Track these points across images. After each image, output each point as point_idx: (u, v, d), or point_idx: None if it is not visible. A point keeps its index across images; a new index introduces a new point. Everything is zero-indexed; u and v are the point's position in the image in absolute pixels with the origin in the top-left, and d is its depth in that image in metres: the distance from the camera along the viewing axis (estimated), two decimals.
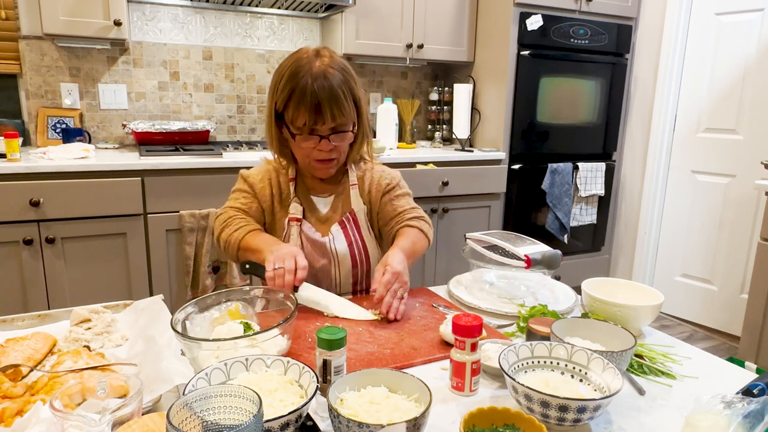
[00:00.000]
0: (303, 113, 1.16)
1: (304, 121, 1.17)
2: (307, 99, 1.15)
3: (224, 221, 1.30)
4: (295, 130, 1.21)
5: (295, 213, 1.30)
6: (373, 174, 1.38)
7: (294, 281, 1.09)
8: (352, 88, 1.20)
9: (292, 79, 1.16)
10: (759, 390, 0.80)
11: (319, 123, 1.18)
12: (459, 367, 0.83)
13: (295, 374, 0.77)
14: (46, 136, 2.53)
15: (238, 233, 1.25)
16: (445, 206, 2.79)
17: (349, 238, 1.32)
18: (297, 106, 1.16)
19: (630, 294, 1.13)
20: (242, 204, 1.32)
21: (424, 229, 1.34)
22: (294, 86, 1.16)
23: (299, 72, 1.16)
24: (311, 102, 1.15)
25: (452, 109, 3.13)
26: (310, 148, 1.22)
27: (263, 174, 1.35)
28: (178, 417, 0.56)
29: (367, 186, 1.37)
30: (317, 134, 1.20)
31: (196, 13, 2.76)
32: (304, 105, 1.15)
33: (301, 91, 1.15)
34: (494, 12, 2.97)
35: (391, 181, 1.38)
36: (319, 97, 1.14)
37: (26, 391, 0.76)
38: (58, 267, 2.08)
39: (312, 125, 1.18)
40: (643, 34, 3.24)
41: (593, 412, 0.71)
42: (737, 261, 2.92)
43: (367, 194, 1.36)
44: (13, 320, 1.02)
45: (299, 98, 1.15)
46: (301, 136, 1.20)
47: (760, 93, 2.79)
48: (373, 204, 1.37)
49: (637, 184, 3.36)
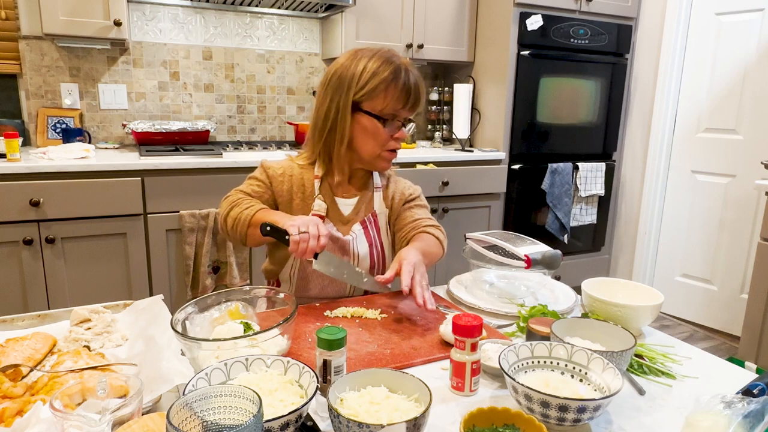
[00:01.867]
0: (394, 98, 1.23)
1: (394, 106, 1.24)
2: (400, 84, 1.22)
3: (233, 202, 1.28)
4: (384, 115, 1.25)
5: (318, 210, 1.30)
6: (398, 183, 1.43)
7: (317, 247, 1.10)
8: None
9: (385, 68, 1.22)
10: (759, 390, 0.80)
11: (405, 108, 1.25)
12: (459, 367, 0.83)
13: (295, 374, 0.77)
14: (46, 136, 2.53)
15: (249, 210, 1.23)
16: (445, 206, 2.79)
17: (370, 239, 1.34)
18: (388, 91, 1.22)
19: (630, 294, 1.13)
20: (253, 191, 1.31)
21: (439, 237, 1.35)
22: (388, 74, 1.21)
23: (390, 62, 1.23)
24: (404, 87, 1.23)
25: (452, 109, 3.13)
26: (388, 137, 1.27)
27: (285, 168, 1.34)
28: (178, 417, 0.56)
29: (391, 192, 1.39)
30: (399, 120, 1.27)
31: (196, 13, 2.76)
32: (396, 90, 1.22)
33: (395, 78, 1.22)
34: (494, 12, 2.97)
35: (414, 192, 1.43)
36: (409, 85, 1.23)
37: (26, 391, 0.76)
38: (58, 267, 2.08)
39: (399, 109, 1.25)
40: (643, 34, 3.24)
41: (593, 412, 0.71)
42: (737, 261, 2.92)
43: (390, 200, 1.39)
44: (13, 320, 1.02)
45: (393, 84, 1.22)
46: (388, 121, 1.26)
47: (760, 93, 2.79)
48: (393, 210, 1.39)
49: (637, 184, 3.36)
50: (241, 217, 1.23)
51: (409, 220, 1.37)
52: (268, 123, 3.05)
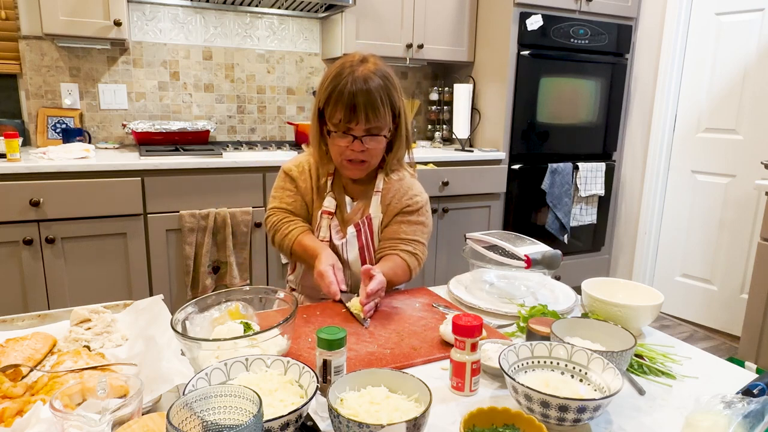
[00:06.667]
0: (339, 111, 1.22)
1: (339, 118, 1.23)
2: (344, 98, 1.21)
3: (274, 226, 1.38)
4: (332, 127, 1.26)
5: (328, 206, 1.35)
6: (401, 187, 1.38)
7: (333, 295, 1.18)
8: (391, 95, 1.26)
9: (335, 79, 1.23)
10: (759, 390, 0.80)
11: (353, 122, 1.23)
12: (459, 367, 0.83)
13: (295, 374, 0.77)
14: (46, 136, 2.53)
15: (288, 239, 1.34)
16: (445, 206, 2.79)
17: (361, 242, 1.35)
18: (335, 105, 1.22)
19: (630, 294, 1.13)
20: (288, 204, 1.38)
21: (411, 265, 1.32)
22: (335, 85, 1.22)
23: (342, 73, 1.22)
24: (348, 102, 1.20)
25: (452, 109, 3.13)
26: (343, 147, 1.27)
27: (304, 165, 1.40)
28: (178, 417, 0.56)
29: (389, 197, 1.37)
30: (351, 134, 1.25)
31: (196, 13, 2.76)
32: (341, 103, 1.21)
33: (339, 91, 1.21)
34: (494, 12, 2.96)
35: (413, 205, 1.37)
36: (356, 98, 1.20)
37: (26, 391, 0.76)
38: (58, 267, 2.08)
39: (347, 123, 1.23)
40: (643, 34, 3.24)
41: (593, 412, 0.71)
42: (737, 261, 2.92)
43: (386, 205, 1.37)
44: (13, 320, 1.02)
45: (338, 97, 1.21)
46: (336, 133, 1.26)
47: (760, 93, 2.79)
48: (386, 216, 1.37)
49: (637, 184, 3.36)
50: (284, 245, 1.36)
51: (392, 235, 1.35)
52: (268, 123, 3.05)
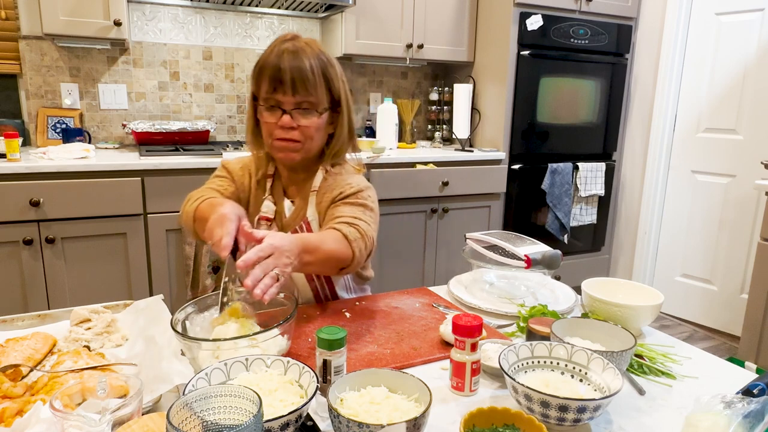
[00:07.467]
0: (266, 82, 1.14)
1: (266, 90, 1.15)
2: (270, 66, 1.13)
3: (187, 198, 1.25)
4: (262, 102, 1.17)
5: (267, 212, 1.25)
6: (335, 180, 1.25)
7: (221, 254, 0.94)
8: (326, 72, 1.16)
9: (264, 54, 1.16)
10: (759, 390, 0.80)
11: (279, 92, 1.14)
12: (459, 367, 0.83)
13: (295, 374, 0.77)
14: (46, 136, 2.53)
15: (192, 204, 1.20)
16: (445, 206, 2.79)
17: None
18: (262, 76, 1.15)
19: (630, 294, 1.13)
20: (216, 185, 1.27)
21: (349, 236, 1.09)
22: (265, 58, 1.15)
23: (273, 49, 1.15)
24: (274, 69, 1.13)
25: (452, 109, 3.13)
26: (272, 124, 1.17)
27: (244, 163, 1.32)
28: (178, 417, 0.56)
29: (323, 194, 1.24)
30: (280, 108, 1.15)
31: (196, 13, 2.76)
32: (267, 72, 1.14)
33: (266, 61, 1.14)
34: (494, 12, 2.97)
35: (345, 189, 1.21)
36: (282, 64, 1.12)
37: (26, 391, 0.76)
38: (58, 267, 2.08)
39: (273, 94, 1.14)
40: (643, 34, 3.24)
41: (593, 412, 0.71)
42: (737, 261, 2.92)
43: (320, 203, 1.24)
44: (13, 320, 1.02)
45: (263, 66, 1.14)
46: (265, 108, 1.17)
47: (760, 93, 2.79)
48: (321, 214, 1.24)
49: (637, 184, 3.36)
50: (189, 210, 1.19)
51: (328, 218, 1.18)
52: None
